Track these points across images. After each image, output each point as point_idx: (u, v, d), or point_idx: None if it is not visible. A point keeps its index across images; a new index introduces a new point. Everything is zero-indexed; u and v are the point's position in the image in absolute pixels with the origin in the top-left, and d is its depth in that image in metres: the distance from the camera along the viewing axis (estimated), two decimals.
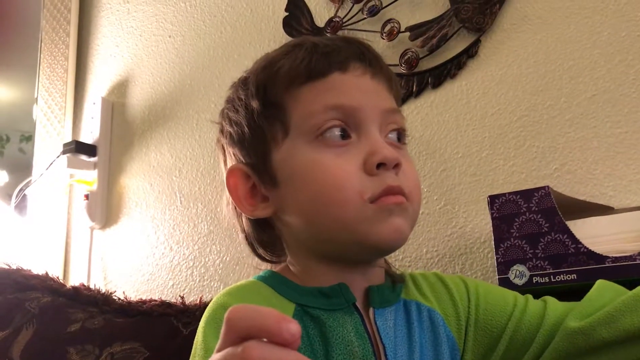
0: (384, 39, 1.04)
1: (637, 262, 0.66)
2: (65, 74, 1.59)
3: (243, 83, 0.60)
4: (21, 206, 1.62)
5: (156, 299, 0.99)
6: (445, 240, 0.94)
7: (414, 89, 1.01)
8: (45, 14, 1.68)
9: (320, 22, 1.15)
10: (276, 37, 1.22)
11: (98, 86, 1.56)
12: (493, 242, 0.75)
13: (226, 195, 0.61)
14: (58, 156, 1.47)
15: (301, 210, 0.55)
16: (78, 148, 1.45)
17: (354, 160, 0.53)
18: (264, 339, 0.30)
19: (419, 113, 1.01)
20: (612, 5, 0.86)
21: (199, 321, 0.53)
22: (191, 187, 1.31)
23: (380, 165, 0.53)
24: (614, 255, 0.68)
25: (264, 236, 0.61)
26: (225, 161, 0.62)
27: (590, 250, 0.69)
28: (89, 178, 1.47)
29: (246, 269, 1.17)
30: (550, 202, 0.73)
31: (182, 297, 0.97)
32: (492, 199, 0.76)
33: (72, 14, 1.61)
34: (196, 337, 0.52)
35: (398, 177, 0.54)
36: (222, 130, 0.62)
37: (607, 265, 0.68)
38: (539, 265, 0.72)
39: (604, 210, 0.78)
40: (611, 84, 0.84)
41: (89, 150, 1.47)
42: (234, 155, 0.60)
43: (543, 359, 0.57)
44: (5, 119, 2.61)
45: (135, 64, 1.50)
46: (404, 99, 1.01)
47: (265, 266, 0.63)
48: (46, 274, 1.06)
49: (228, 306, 0.50)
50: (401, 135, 0.59)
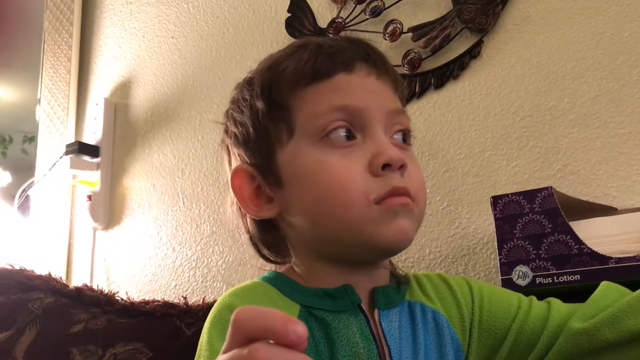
0: (386, 39, 1.04)
1: None
2: (67, 75, 1.59)
3: (248, 84, 0.60)
4: (24, 207, 1.62)
5: (159, 299, 0.99)
6: (448, 241, 0.94)
7: (416, 90, 1.01)
8: (47, 15, 1.68)
9: (323, 23, 1.15)
10: (279, 38, 1.22)
11: (101, 87, 1.56)
12: (496, 243, 0.75)
13: (231, 195, 0.61)
14: (61, 157, 1.47)
15: (306, 211, 0.55)
16: (81, 149, 1.45)
17: (359, 161, 0.53)
18: (271, 341, 0.30)
19: (421, 114, 1.01)
20: (615, 6, 0.86)
21: (201, 322, 0.53)
22: (194, 187, 1.31)
23: (386, 166, 0.53)
24: (617, 256, 0.67)
25: (269, 237, 0.61)
26: (230, 162, 0.62)
27: (594, 250, 0.69)
28: (91, 179, 1.47)
29: (249, 269, 1.17)
30: (553, 202, 0.72)
31: (184, 298, 0.98)
32: (495, 200, 0.76)
33: (75, 15, 1.61)
34: (201, 338, 0.52)
35: (403, 178, 0.54)
36: (226, 131, 0.62)
37: (610, 265, 0.68)
38: (542, 266, 0.72)
39: (607, 210, 0.78)
40: (614, 84, 0.84)
41: (92, 151, 1.47)
42: (238, 155, 0.60)
43: (547, 359, 0.57)
44: (8, 120, 2.62)
45: (137, 65, 1.50)
46: (406, 100, 1.01)
47: (270, 267, 0.63)
48: (49, 274, 1.06)
49: (233, 307, 0.51)
50: (406, 136, 0.58)
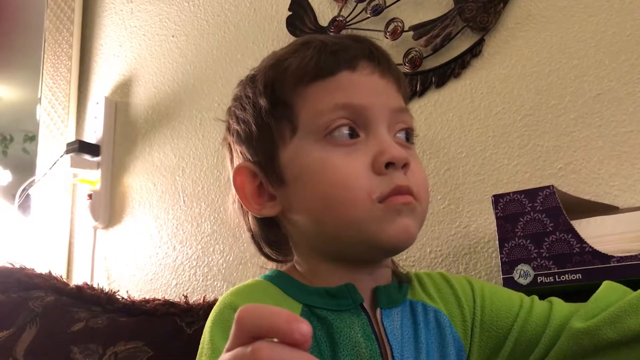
0: (387, 38, 1.04)
1: None
2: (68, 74, 1.58)
3: (251, 81, 0.60)
4: (25, 206, 1.62)
5: (159, 298, 0.99)
6: (449, 240, 0.94)
7: (417, 89, 1.01)
8: (48, 14, 1.68)
9: (324, 21, 1.15)
10: (279, 37, 1.22)
11: (101, 86, 1.56)
12: (497, 242, 0.75)
13: (232, 193, 0.61)
14: (61, 156, 1.47)
15: (308, 210, 0.55)
16: (81, 148, 1.45)
17: (362, 159, 0.53)
18: (275, 339, 0.29)
19: (422, 112, 1.01)
20: (617, 4, 0.86)
21: (202, 320, 0.53)
22: (194, 186, 1.31)
23: (389, 165, 0.53)
24: (619, 255, 0.67)
25: (271, 235, 0.61)
26: (232, 159, 0.62)
27: (595, 249, 0.69)
28: (92, 178, 1.47)
29: (250, 268, 1.17)
30: (554, 201, 0.72)
31: (185, 297, 0.97)
32: (497, 199, 0.76)
33: (76, 14, 1.61)
34: (203, 336, 0.51)
35: (406, 176, 0.54)
36: (229, 128, 0.62)
37: (612, 264, 0.68)
38: (544, 264, 0.72)
39: (608, 209, 0.78)
40: (616, 82, 0.84)
41: (92, 149, 1.47)
42: (241, 153, 0.60)
43: (548, 359, 0.57)
44: (9, 119, 2.62)
45: (138, 64, 1.50)
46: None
47: (271, 265, 0.63)
48: (50, 273, 1.06)
49: (235, 306, 0.51)
50: (409, 135, 0.58)
